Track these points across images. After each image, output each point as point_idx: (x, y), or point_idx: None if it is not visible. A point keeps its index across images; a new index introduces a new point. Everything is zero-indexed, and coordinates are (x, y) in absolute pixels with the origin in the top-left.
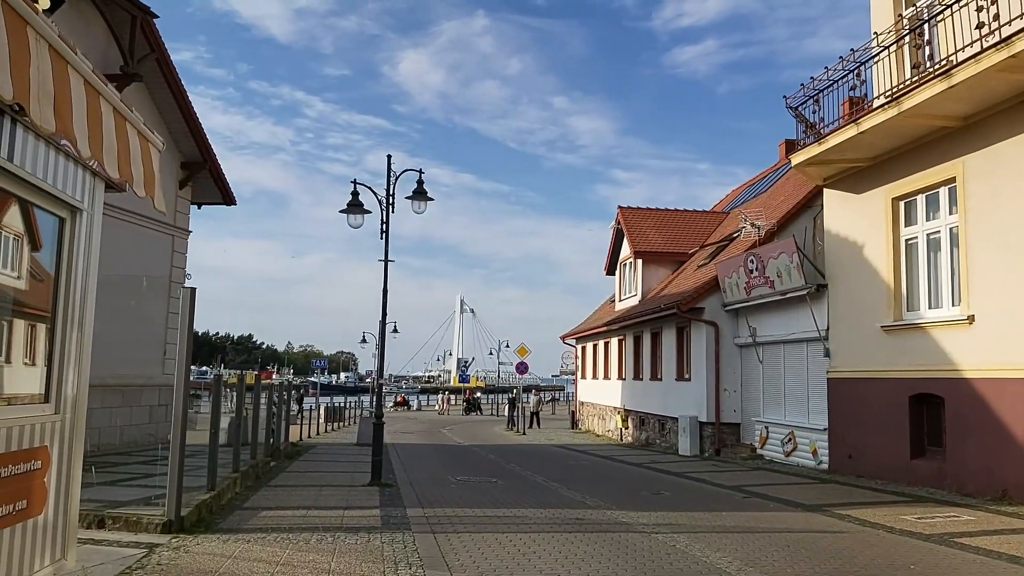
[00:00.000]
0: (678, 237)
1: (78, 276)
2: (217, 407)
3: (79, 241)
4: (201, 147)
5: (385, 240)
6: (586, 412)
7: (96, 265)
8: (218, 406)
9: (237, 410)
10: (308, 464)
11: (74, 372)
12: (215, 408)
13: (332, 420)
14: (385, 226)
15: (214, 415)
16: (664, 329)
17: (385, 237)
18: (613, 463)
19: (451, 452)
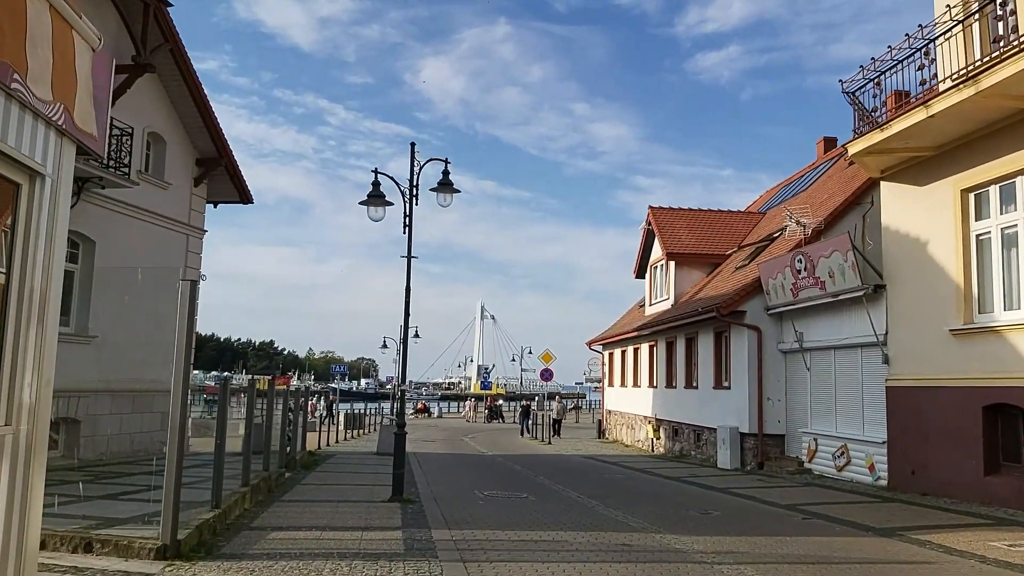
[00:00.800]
0: (712, 238)
1: (38, 259)
2: (223, 415)
3: (39, 215)
4: (216, 142)
5: (408, 234)
6: (613, 421)
7: (63, 246)
8: (224, 413)
9: (247, 418)
10: (325, 476)
11: (33, 376)
12: (221, 416)
13: (352, 427)
14: (408, 219)
15: (219, 424)
16: (700, 334)
17: (408, 231)
18: (649, 477)
19: (475, 463)
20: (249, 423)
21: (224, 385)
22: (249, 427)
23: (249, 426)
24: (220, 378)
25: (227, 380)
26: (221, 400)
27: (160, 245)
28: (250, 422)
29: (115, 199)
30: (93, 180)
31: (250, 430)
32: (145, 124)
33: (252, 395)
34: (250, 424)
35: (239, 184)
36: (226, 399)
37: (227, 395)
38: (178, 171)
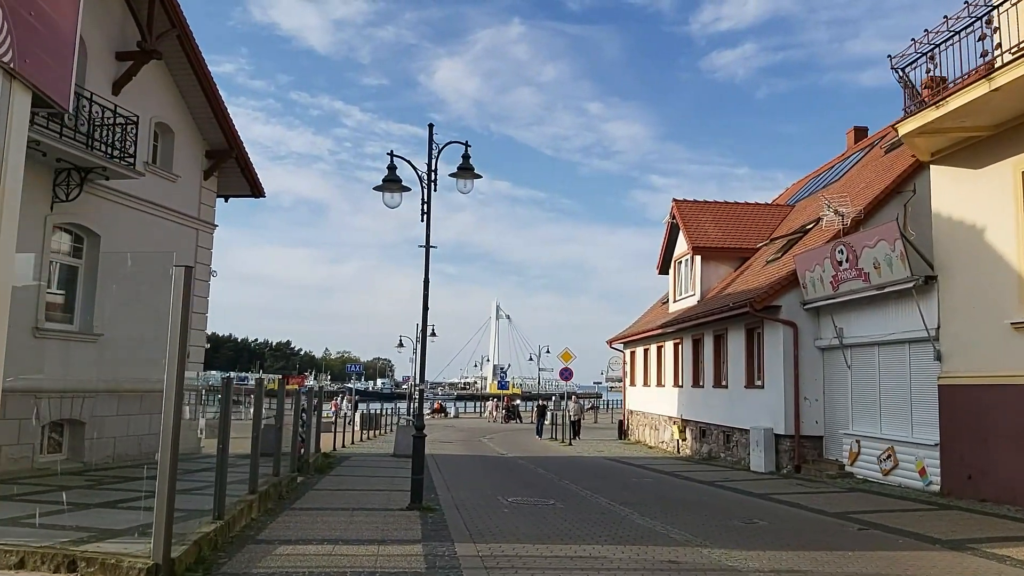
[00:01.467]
0: (740, 231)
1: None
2: (226, 417)
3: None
4: (227, 133)
5: (427, 221)
6: (635, 421)
7: (15, 217)
8: (227, 415)
9: (255, 420)
10: (340, 480)
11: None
12: (223, 418)
13: (368, 428)
14: (426, 205)
15: (222, 427)
16: (730, 331)
17: (427, 218)
18: (681, 481)
19: (496, 465)
20: (257, 425)
21: (226, 384)
22: (256, 429)
23: (256, 428)
24: (239, 378)
25: (229, 380)
26: (224, 401)
27: (169, 239)
28: (257, 424)
29: (121, 191)
30: (96, 171)
31: (257, 433)
32: (152, 114)
33: (259, 395)
34: (257, 426)
35: (250, 177)
36: (228, 399)
37: (229, 395)
38: (187, 163)
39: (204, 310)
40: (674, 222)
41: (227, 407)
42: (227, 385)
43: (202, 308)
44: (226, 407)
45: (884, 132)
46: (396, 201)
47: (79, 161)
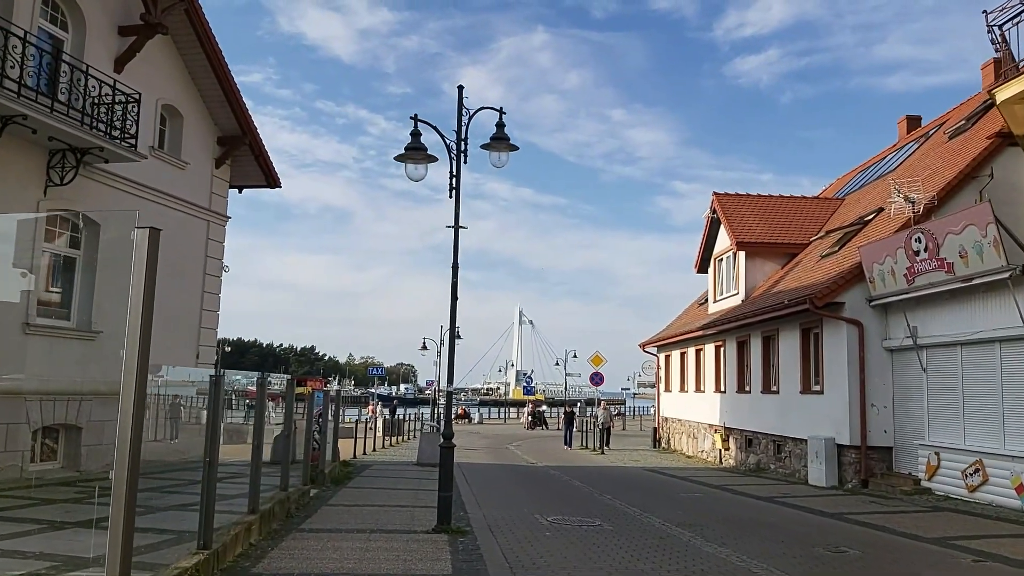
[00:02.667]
0: (786, 226)
1: None
2: (213, 425)
3: None
4: (239, 118)
5: (456, 197)
6: (671, 429)
7: None
8: (215, 424)
9: (256, 426)
10: (357, 494)
11: None
12: (210, 427)
13: (390, 434)
14: (455, 180)
15: (208, 437)
16: (782, 331)
17: (456, 194)
18: (735, 496)
19: (527, 476)
20: (258, 433)
21: (215, 386)
22: (258, 438)
23: (258, 437)
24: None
25: (218, 380)
26: (211, 405)
27: (177, 231)
28: (259, 432)
29: (123, 176)
30: (93, 151)
31: (259, 442)
32: (159, 95)
33: (262, 398)
34: (259, 434)
35: (265, 165)
36: (219, 402)
37: (219, 397)
38: (197, 149)
39: (216, 308)
40: (714, 217)
41: (216, 410)
42: (216, 385)
43: (213, 306)
44: (214, 413)
45: (942, 119)
46: (420, 173)
47: (74, 140)
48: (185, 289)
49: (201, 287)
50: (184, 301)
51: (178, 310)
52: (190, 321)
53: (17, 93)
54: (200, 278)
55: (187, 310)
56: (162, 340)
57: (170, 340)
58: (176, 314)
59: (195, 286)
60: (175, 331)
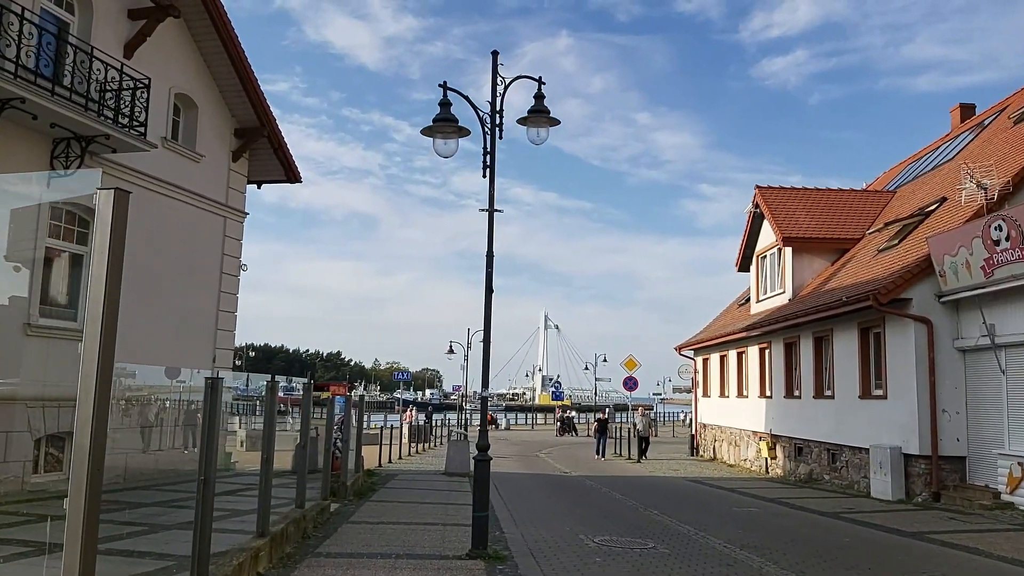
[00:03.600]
0: (835, 220)
1: None
2: (211, 436)
3: None
4: (257, 108)
5: (490, 176)
6: (710, 436)
7: None
8: (212, 435)
9: (265, 437)
10: (382, 509)
11: None
12: (207, 440)
13: (416, 440)
14: (489, 157)
15: (204, 453)
16: (837, 332)
17: (490, 172)
18: (795, 511)
19: (563, 488)
20: (268, 444)
21: (212, 388)
22: (268, 449)
23: (268, 448)
24: (286, 389)
25: (215, 383)
26: (207, 413)
27: (192, 227)
28: (269, 442)
29: (133, 168)
30: (99, 139)
31: (268, 454)
32: (172, 84)
33: (271, 403)
34: (269, 445)
35: (285, 158)
36: (216, 410)
37: (217, 404)
38: (213, 142)
39: (233, 309)
40: (757, 212)
41: (213, 419)
42: (213, 387)
43: (231, 307)
44: (211, 419)
45: (1000, 106)
46: (450, 149)
47: (78, 127)
48: (200, 289)
49: (217, 287)
50: (199, 301)
51: (193, 311)
52: (205, 323)
53: (14, 74)
54: (216, 277)
55: (202, 311)
56: (175, 342)
57: (184, 342)
58: (190, 315)
59: (211, 286)
60: (189, 333)
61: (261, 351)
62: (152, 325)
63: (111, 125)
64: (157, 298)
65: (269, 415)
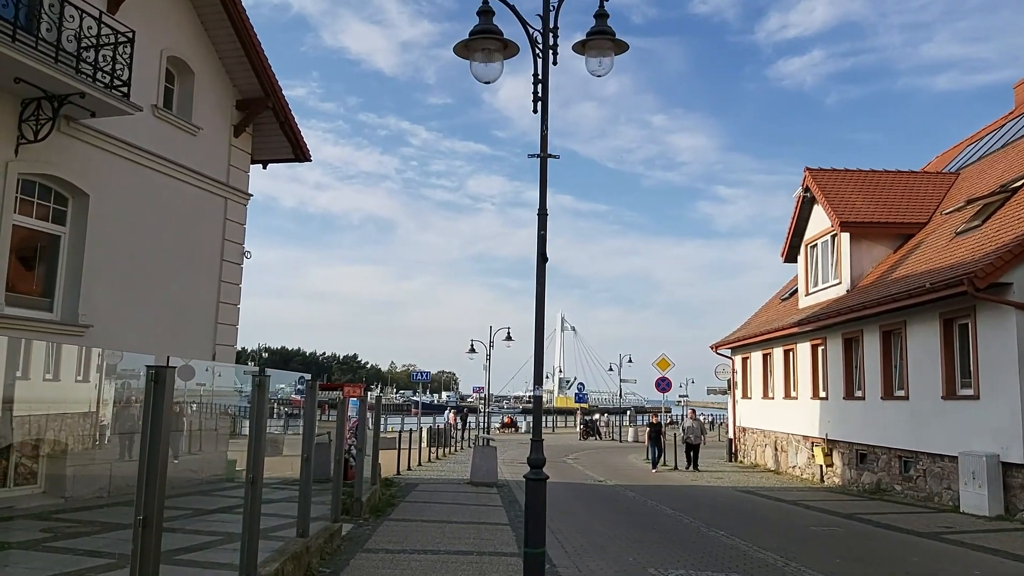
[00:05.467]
0: (895, 204)
1: None
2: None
3: None
4: (261, 77)
5: (543, 109)
6: (751, 441)
7: None
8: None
9: (251, 454)
10: (403, 530)
11: None
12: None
13: (436, 444)
14: (541, 85)
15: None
16: (912, 324)
17: (542, 105)
18: (883, 532)
19: (604, 500)
20: (255, 460)
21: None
22: (255, 469)
23: (255, 467)
24: (297, 390)
25: (159, 373)
26: (147, 420)
27: (188, 207)
28: (256, 457)
29: (117, 138)
30: (73, 99)
31: (255, 473)
32: (164, 46)
33: (261, 403)
34: (256, 461)
35: (292, 133)
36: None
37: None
38: (212, 113)
39: (236, 301)
40: (807, 196)
41: (157, 427)
42: (159, 382)
43: (233, 298)
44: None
45: None
46: (493, 72)
47: (48, 83)
48: (198, 277)
49: (218, 276)
50: (197, 292)
51: (189, 302)
52: (204, 315)
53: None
54: (216, 265)
55: (201, 303)
56: (170, 338)
57: (179, 338)
58: (187, 306)
59: (210, 274)
60: (185, 327)
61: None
62: (142, 318)
63: (86, 81)
64: (149, 287)
65: (256, 420)
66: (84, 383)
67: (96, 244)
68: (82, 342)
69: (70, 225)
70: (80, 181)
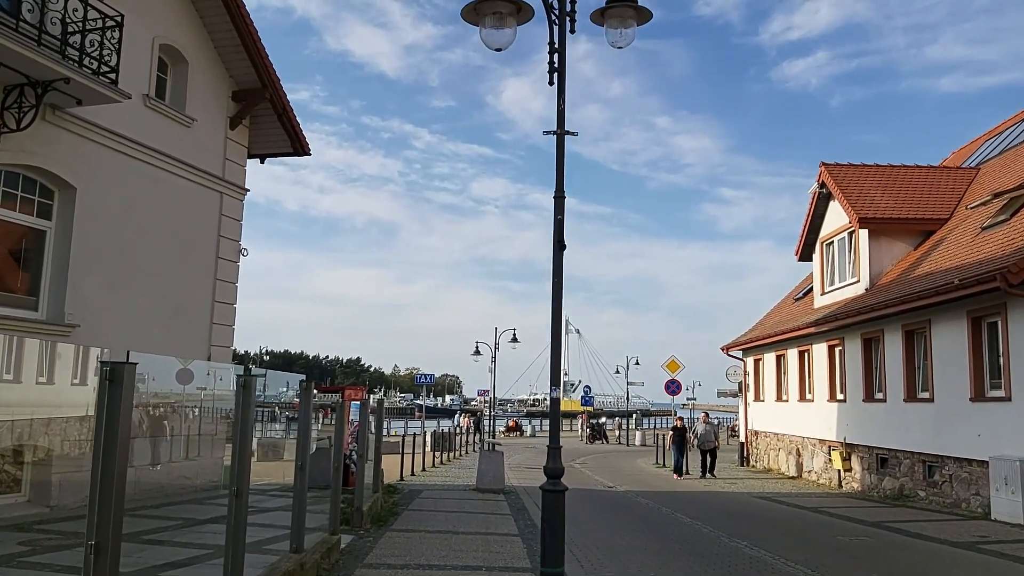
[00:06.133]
0: (916, 199)
1: None
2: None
3: None
4: (258, 67)
5: (559, 80)
6: (764, 444)
7: None
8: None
9: (236, 463)
10: (407, 542)
11: None
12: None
13: (440, 448)
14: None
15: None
16: (937, 323)
17: (559, 77)
18: (916, 542)
19: (617, 508)
20: (239, 473)
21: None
22: (239, 478)
23: (239, 478)
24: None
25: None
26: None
27: (181, 202)
28: (240, 471)
29: (106, 129)
30: (58, 86)
31: (241, 485)
32: (156, 33)
33: (246, 406)
34: (240, 475)
35: (291, 126)
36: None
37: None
38: (206, 104)
39: (232, 300)
40: (823, 191)
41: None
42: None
43: (229, 297)
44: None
45: None
46: (505, 38)
47: (30, 68)
48: (192, 275)
49: (213, 274)
50: (191, 290)
51: (183, 301)
52: (199, 315)
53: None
54: (212, 263)
55: (195, 302)
56: (162, 340)
57: (173, 339)
58: (180, 306)
59: (205, 272)
60: (179, 328)
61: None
62: (133, 317)
63: (72, 66)
64: (139, 285)
65: (240, 426)
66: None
67: (84, 240)
68: (69, 343)
69: (56, 220)
70: (67, 173)
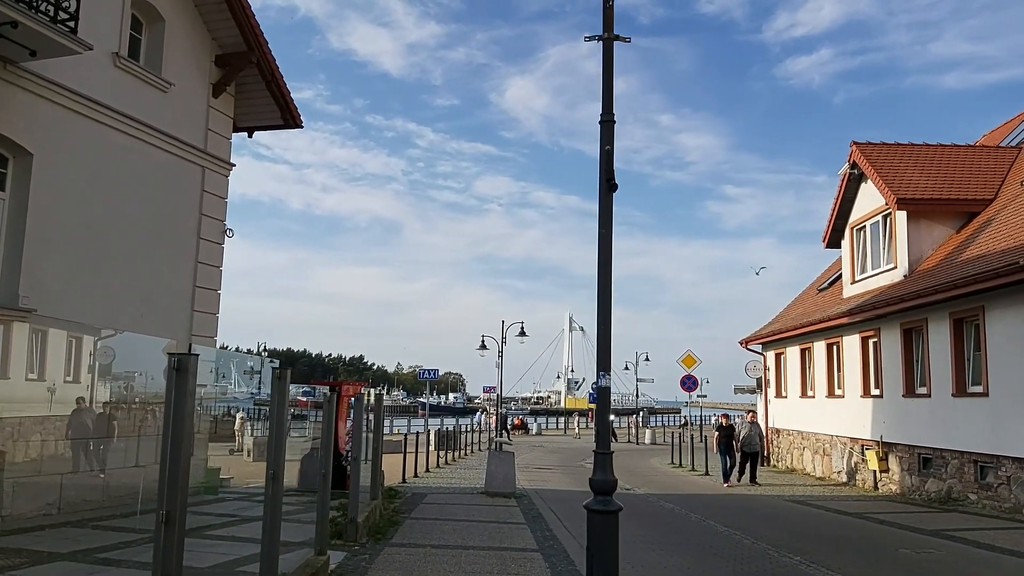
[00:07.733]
0: (956, 179)
1: None
2: None
3: None
4: (244, 28)
5: None
6: (787, 443)
7: None
8: None
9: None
10: (408, 562)
11: None
12: None
13: (444, 448)
14: None
15: None
16: (991, 310)
17: None
18: (992, 556)
19: (640, 514)
20: (168, 498)
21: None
22: (168, 501)
23: (168, 501)
24: (305, 392)
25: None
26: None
27: (158, 176)
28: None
29: (70, 89)
30: (4, 32)
31: (173, 509)
32: None
33: (180, 398)
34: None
35: (280, 94)
36: None
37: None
38: (186, 68)
39: (216, 286)
40: (854, 173)
41: None
42: None
43: (212, 283)
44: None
45: None
46: None
47: None
48: (170, 257)
49: (194, 256)
50: (169, 273)
51: (159, 285)
52: (178, 302)
53: None
54: (192, 243)
55: (173, 286)
56: (135, 325)
57: (147, 326)
58: (156, 290)
59: (185, 254)
60: (154, 314)
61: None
62: (100, 302)
63: (21, 9)
64: (108, 266)
65: (173, 422)
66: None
67: (42, 214)
68: (24, 331)
69: (10, 190)
70: (22, 138)
